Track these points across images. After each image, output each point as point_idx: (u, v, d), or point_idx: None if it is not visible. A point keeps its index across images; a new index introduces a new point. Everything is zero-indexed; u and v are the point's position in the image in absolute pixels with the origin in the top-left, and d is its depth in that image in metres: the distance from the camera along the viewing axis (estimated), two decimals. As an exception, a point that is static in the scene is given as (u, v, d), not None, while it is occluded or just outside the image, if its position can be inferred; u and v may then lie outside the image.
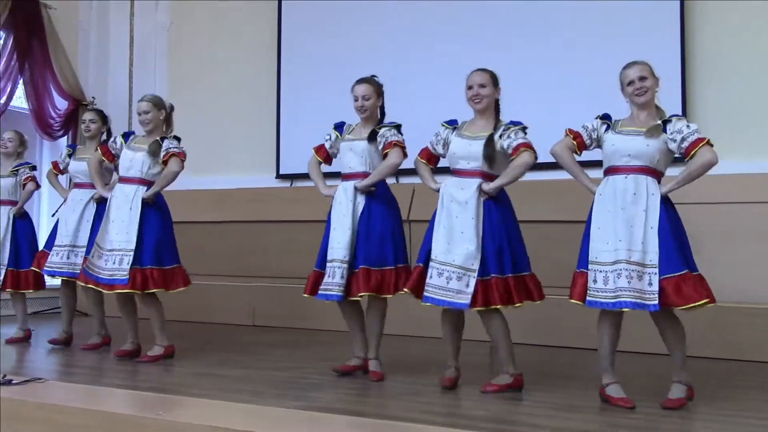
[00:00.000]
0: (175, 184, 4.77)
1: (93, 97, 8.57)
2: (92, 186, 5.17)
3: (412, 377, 4.09)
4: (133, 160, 4.65)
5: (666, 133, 3.50)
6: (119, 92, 8.78)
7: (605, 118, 3.72)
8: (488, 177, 3.80)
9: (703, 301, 3.31)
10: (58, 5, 8.15)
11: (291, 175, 7.55)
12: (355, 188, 4.14)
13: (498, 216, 3.76)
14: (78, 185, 5.39)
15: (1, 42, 7.58)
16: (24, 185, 5.63)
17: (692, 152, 3.42)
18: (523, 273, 3.84)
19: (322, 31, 7.54)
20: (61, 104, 8.19)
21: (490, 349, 4.33)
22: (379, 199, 4.18)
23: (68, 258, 5.15)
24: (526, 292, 3.82)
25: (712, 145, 3.44)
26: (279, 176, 7.64)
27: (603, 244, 3.49)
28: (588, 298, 3.50)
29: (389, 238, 4.15)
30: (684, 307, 3.33)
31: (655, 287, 3.34)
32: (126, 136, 4.93)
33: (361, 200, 4.15)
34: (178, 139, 4.76)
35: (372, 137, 4.20)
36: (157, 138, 4.69)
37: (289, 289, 6.58)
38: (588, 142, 3.74)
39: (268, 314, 6.66)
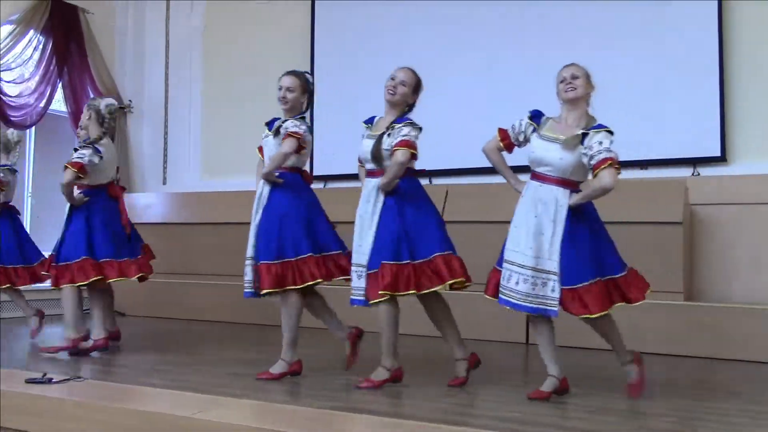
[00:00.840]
0: (209, 187, 4.82)
1: (130, 100, 8.71)
2: None
3: (444, 378, 4.07)
4: None
5: (582, 145, 3.50)
6: (155, 95, 8.91)
7: (534, 117, 3.72)
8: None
9: (597, 314, 3.44)
10: (96, 10, 8.30)
11: (324, 176, 7.58)
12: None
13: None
14: None
15: (41, 46, 7.72)
16: None
17: (596, 172, 3.44)
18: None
19: (354, 32, 7.57)
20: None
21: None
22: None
23: None
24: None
25: (617, 168, 3.44)
26: (313, 177, 7.66)
27: (516, 245, 3.61)
28: (500, 295, 3.62)
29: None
30: (580, 317, 3.47)
31: (557, 295, 3.46)
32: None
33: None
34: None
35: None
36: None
37: (326, 289, 6.60)
38: (515, 142, 3.80)
39: (305, 315, 6.67)
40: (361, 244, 3.84)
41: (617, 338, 3.69)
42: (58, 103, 8.06)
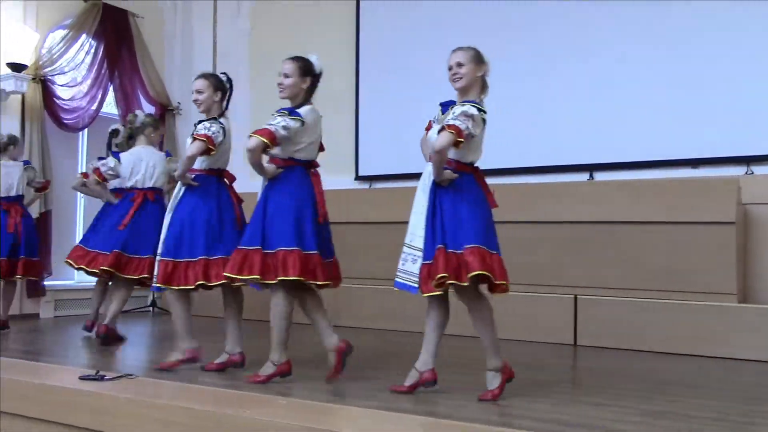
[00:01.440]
0: (256, 188, 4.85)
1: (179, 102, 8.83)
2: None
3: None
4: None
5: None
6: (203, 97, 9.02)
7: (442, 106, 3.85)
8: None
9: (429, 293, 3.46)
10: (146, 14, 8.44)
11: (370, 176, 7.60)
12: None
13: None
14: None
15: (93, 50, 7.88)
16: None
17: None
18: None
19: (400, 33, 7.55)
20: (149, 110, 8.45)
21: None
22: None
23: None
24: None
25: (454, 133, 3.43)
26: (358, 178, 7.70)
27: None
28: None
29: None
30: (425, 294, 3.48)
31: (416, 271, 3.50)
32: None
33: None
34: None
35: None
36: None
37: (369, 290, 6.62)
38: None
39: (348, 315, 6.71)
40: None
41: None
42: (109, 106, 8.20)
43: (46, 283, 7.23)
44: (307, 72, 4.28)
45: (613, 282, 5.60)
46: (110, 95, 8.12)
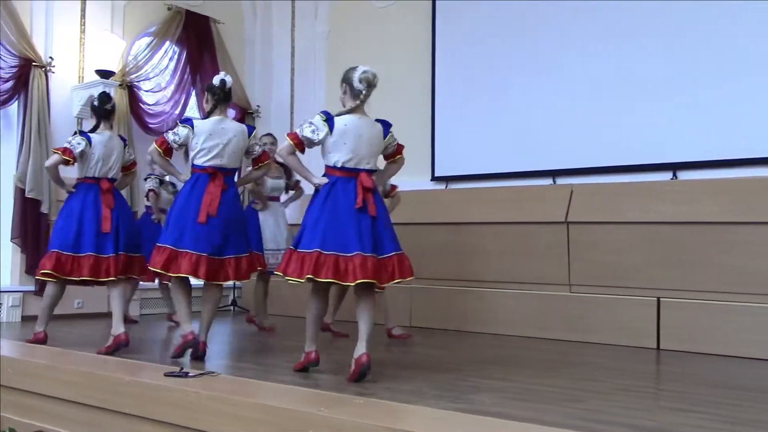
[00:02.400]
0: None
1: (258, 105, 9.00)
2: None
3: (574, 383, 3.98)
4: None
5: None
6: (282, 100, 9.18)
7: None
8: None
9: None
10: (226, 20, 8.64)
11: (446, 177, 7.57)
12: None
13: None
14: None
15: (176, 56, 8.11)
16: None
17: None
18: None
19: (476, 34, 7.51)
20: (229, 113, 8.60)
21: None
22: None
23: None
24: None
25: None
26: (434, 179, 7.69)
27: None
28: None
29: None
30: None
31: None
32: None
33: None
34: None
35: None
36: None
37: (444, 290, 6.61)
38: None
39: (424, 315, 6.71)
40: None
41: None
42: (192, 111, 8.42)
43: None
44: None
45: (698, 284, 5.43)
46: (192, 99, 8.33)
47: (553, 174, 6.74)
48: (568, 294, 6.01)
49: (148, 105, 7.78)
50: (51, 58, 7.05)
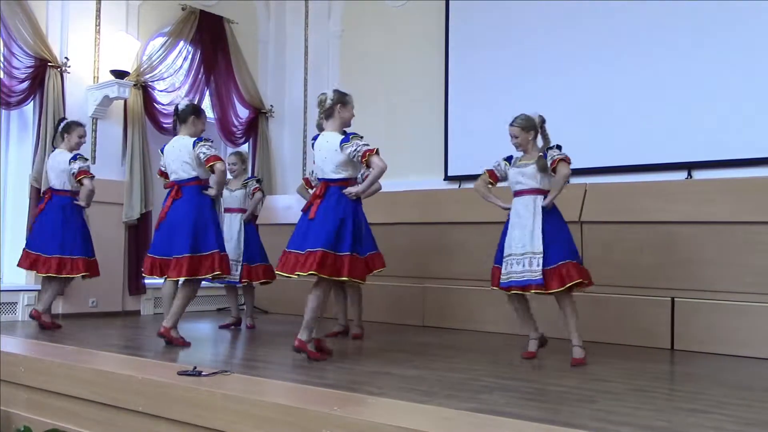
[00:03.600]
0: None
1: (271, 105, 9.02)
2: None
3: (587, 383, 3.97)
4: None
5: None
6: (295, 100, 9.20)
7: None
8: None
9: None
10: (240, 20, 8.66)
11: (459, 177, 7.56)
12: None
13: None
14: None
15: (190, 56, 8.14)
16: (253, 195, 6.53)
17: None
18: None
19: (489, 34, 7.50)
20: (243, 113, 8.68)
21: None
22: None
23: None
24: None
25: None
26: (447, 178, 7.68)
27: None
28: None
29: None
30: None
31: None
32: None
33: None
34: None
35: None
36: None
37: (458, 290, 6.60)
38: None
39: (437, 315, 6.71)
40: None
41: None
42: (206, 110, 8.43)
43: (146, 281, 7.51)
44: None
45: (713, 284, 5.39)
46: (206, 99, 8.36)
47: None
48: (582, 294, 5.98)
49: (163, 105, 7.82)
50: (66, 58, 7.09)
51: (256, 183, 6.64)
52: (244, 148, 8.77)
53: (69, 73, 7.11)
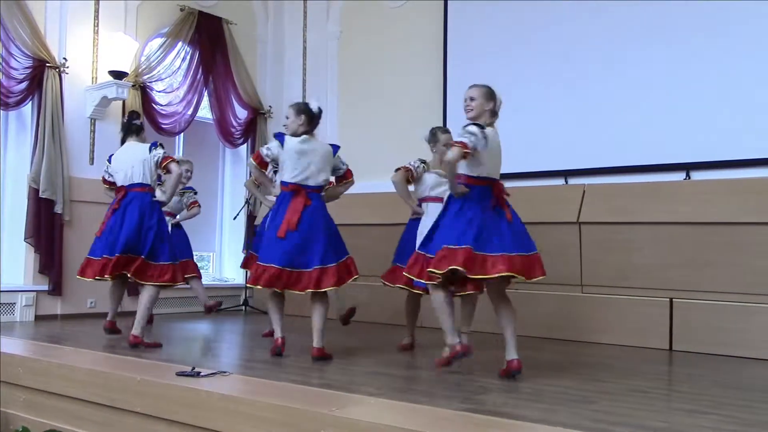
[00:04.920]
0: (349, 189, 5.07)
1: (270, 106, 9.02)
2: None
3: (585, 383, 3.97)
4: None
5: None
6: (294, 100, 9.11)
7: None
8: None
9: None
10: (239, 21, 8.66)
11: (458, 177, 7.54)
12: None
13: None
14: None
15: (188, 57, 8.13)
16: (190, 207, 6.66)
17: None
18: None
19: (488, 34, 7.49)
20: (241, 114, 8.68)
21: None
22: None
23: None
24: None
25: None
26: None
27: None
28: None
29: None
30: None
31: None
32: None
33: None
34: None
35: None
36: None
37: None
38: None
39: (434, 316, 6.69)
40: None
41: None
42: (204, 111, 8.46)
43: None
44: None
45: (711, 285, 5.40)
46: (205, 100, 8.36)
47: (566, 174, 6.72)
48: (580, 294, 5.99)
49: (161, 105, 7.82)
50: (65, 59, 7.09)
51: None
52: (243, 148, 8.79)
53: (67, 73, 7.11)
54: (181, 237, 6.69)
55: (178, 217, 6.75)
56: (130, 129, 5.59)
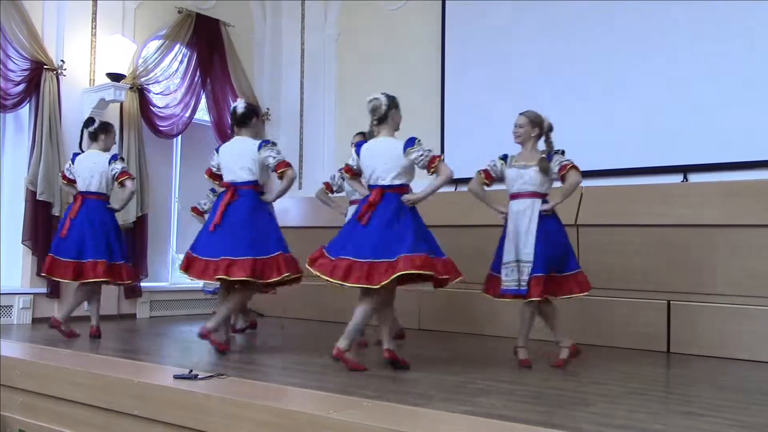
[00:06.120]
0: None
1: (267, 108, 9.01)
2: None
3: (583, 386, 3.97)
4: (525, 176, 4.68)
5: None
6: (291, 102, 9.20)
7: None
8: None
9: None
10: (236, 23, 8.66)
11: (455, 179, 7.52)
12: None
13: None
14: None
15: (186, 59, 8.13)
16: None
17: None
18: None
19: (485, 36, 7.50)
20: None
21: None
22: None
23: None
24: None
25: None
26: (444, 181, 7.67)
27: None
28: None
29: None
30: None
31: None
32: None
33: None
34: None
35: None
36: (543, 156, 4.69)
37: (453, 293, 6.59)
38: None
39: (433, 318, 6.70)
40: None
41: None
42: (201, 113, 8.45)
43: (142, 284, 7.51)
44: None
45: (709, 287, 5.40)
46: (203, 102, 8.35)
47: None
48: (578, 297, 5.98)
49: (159, 108, 7.81)
50: (62, 61, 7.08)
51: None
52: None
53: (65, 75, 7.10)
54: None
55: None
56: (85, 135, 5.88)
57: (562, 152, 4.67)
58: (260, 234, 4.90)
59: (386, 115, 4.52)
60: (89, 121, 5.97)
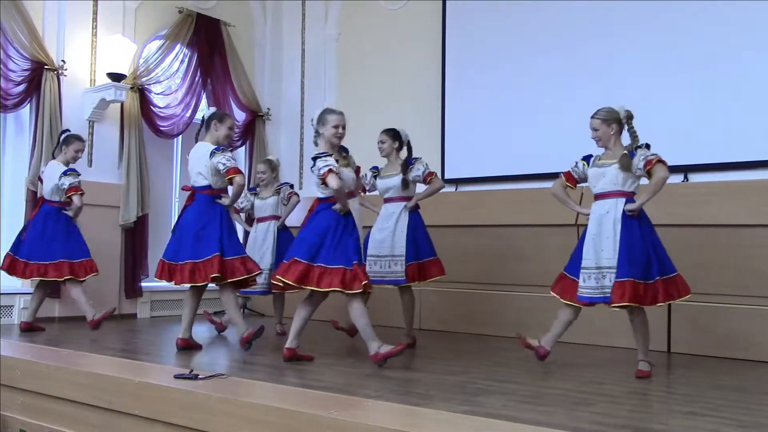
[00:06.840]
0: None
1: (268, 108, 9.02)
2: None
3: (583, 386, 3.97)
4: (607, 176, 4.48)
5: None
6: (292, 103, 9.19)
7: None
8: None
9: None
10: (237, 23, 8.66)
11: (456, 179, 7.56)
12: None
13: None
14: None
15: (187, 59, 8.13)
16: (288, 200, 6.42)
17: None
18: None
19: (486, 35, 7.50)
20: (240, 116, 8.67)
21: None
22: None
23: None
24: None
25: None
26: (444, 180, 7.66)
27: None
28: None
29: None
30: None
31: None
32: None
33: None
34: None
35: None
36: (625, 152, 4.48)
37: (454, 293, 6.59)
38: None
39: (434, 318, 6.70)
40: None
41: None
42: (202, 113, 8.42)
43: (142, 284, 7.51)
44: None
45: (709, 287, 5.40)
46: (203, 102, 8.35)
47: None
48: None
49: (159, 108, 7.81)
50: (63, 61, 7.09)
51: (290, 188, 6.51)
52: (242, 150, 8.78)
53: (65, 75, 7.10)
54: (288, 239, 6.23)
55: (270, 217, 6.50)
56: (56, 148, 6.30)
57: (647, 146, 4.39)
58: (202, 237, 5.08)
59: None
60: (61, 133, 6.32)
